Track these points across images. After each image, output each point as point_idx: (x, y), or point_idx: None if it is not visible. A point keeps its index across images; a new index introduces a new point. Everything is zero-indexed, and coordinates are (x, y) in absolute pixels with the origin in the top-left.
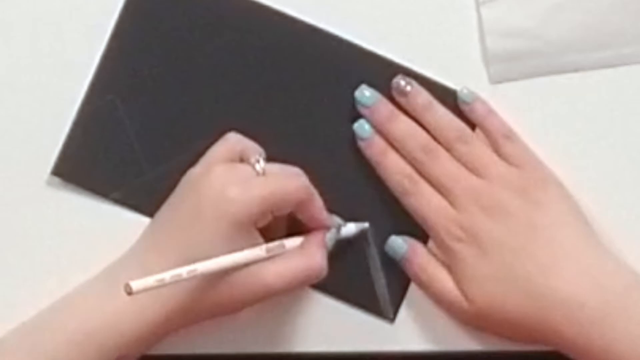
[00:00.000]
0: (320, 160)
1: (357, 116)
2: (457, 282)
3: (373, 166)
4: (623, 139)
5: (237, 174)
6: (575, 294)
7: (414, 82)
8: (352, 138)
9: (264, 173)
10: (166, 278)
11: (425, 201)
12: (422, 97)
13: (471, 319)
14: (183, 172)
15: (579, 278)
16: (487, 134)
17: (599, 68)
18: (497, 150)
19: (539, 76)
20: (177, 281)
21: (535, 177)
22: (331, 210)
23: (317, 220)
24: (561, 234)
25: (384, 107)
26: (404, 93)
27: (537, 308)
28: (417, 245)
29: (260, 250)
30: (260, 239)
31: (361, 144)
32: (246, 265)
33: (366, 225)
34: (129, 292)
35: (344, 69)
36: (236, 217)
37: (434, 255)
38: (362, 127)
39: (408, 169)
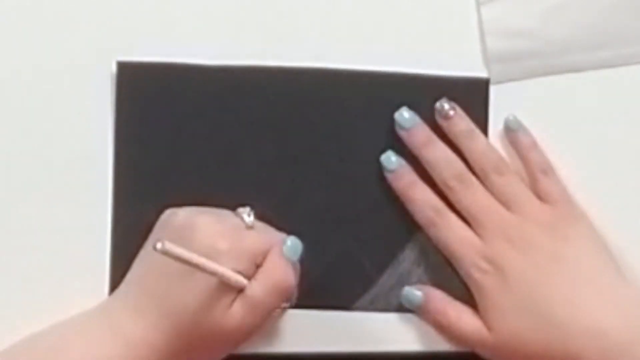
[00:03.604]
0: (348, 196)
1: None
2: (481, 314)
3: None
4: (623, 139)
5: (225, 223)
6: (599, 323)
7: (457, 108)
8: (379, 170)
9: (252, 226)
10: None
11: (451, 233)
12: (463, 124)
13: (494, 351)
14: None
15: (602, 307)
16: (526, 166)
17: (599, 68)
18: (532, 184)
19: (539, 76)
20: None
21: (565, 215)
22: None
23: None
24: (584, 265)
25: (422, 131)
26: (446, 117)
27: (561, 339)
28: (432, 292)
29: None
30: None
31: (388, 175)
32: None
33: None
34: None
35: (353, 101)
36: None
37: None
38: (388, 159)
39: (435, 200)
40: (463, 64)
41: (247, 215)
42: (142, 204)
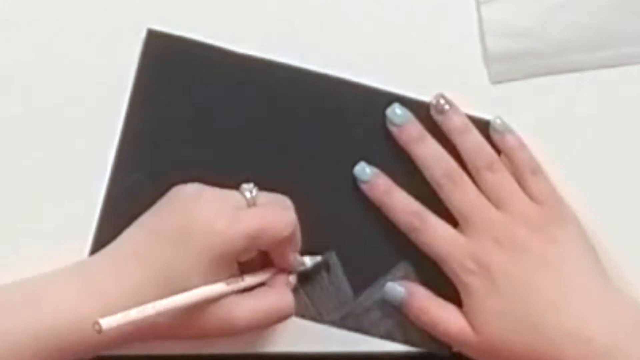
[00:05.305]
0: (325, 201)
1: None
2: (466, 314)
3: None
4: (623, 139)
5: (227, 201)
6: (583, 329)
7: (453, 103)
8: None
9: (254, 203)
10: (132, 313)
11: (435, 236)
12: (458, 119)
13: (477, 351)
14: None
15: (587, 313)
16: (515, 167)
17: (599, 68)
18: (522, 185)
19: (539, 76)
20: (144, 317)
21: (555, 216)
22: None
23: (286, 261)
24: (571, 269)
25: (414, 128)
26: (441, 111)
27: (545, 343)
28: (415, 288)
29: (222, 286)
30: (237, 272)
31: (363, 187)
32: (213, 299)
33: (318, 258)
34: (99, 331)
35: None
36: (220, 250)
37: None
38: (362, 171)
39: (414, 204)
40: (463, 64)
41: (249, 192)
42: (140, 173)
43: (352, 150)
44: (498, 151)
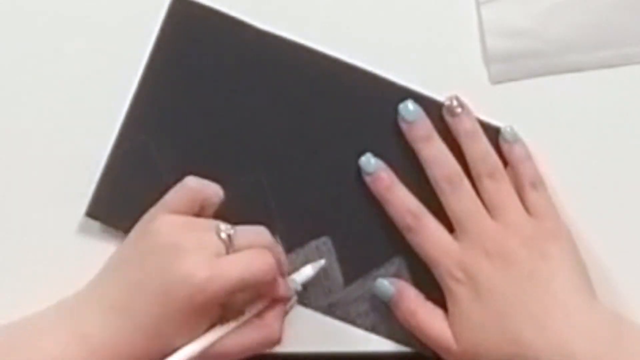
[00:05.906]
0: (327, 186)
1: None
2: (450, 320)
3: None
4: (623, 139)
5: (206, 250)
6: (565, 343)
7: (466, 106)
8: (358, 170)
9: (232, 244)
10: None
11: (428, 239)
12: (469, 123)
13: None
14: (216, 213)
15: (570, 328)
16: (517, 178)
17: (599, 68)
18: (521, 197)
19: (539, 76)
20: None
21: (548, 231)
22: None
23: (276, 293)
24: (558, 285)
25: (423, 126)
26: (453, 113)
27: (525, 358)
28: (405, 289)
29: (219, 331)
30: (219, 311)
31: (367, 178)
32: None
33: (322, 262)
34: None
35: (357, 97)
36: (202, 303)
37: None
38: (367, 162)
39: (413, 204)
40: (463, 64)
41: (225, 234)
42: (148, 135)
43: (362, 139)
44: (504, 160)
